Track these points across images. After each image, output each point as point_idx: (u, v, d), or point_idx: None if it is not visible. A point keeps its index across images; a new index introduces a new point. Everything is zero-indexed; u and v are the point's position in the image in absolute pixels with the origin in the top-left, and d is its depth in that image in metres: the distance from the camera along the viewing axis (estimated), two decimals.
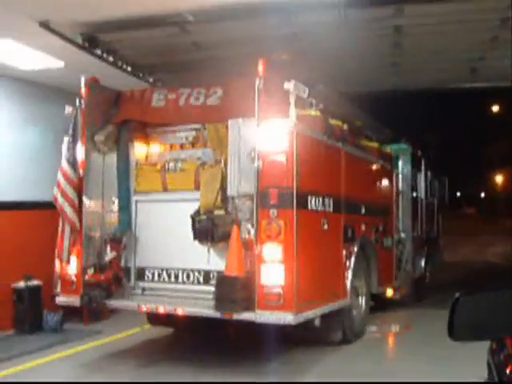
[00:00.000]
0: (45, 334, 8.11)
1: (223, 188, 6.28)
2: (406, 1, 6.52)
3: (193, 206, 6.38)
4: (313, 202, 6.20)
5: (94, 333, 8.14)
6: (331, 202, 6.69)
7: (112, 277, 6.78)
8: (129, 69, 8.49)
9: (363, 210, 7.84)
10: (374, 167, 8.61)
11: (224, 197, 6.27)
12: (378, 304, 9.10)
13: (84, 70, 7.21)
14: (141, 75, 8.84)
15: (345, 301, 7.02)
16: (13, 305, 8.24)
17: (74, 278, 6.74)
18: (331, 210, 6.70)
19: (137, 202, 6.93)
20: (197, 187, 6.48)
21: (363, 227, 7.83)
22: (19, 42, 7.35)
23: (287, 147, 5.78)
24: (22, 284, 8.30)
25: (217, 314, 5.93)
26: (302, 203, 5.98)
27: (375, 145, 8.75)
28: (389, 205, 9.23)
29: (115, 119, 7.03)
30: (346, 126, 7.24)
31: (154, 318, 7.74)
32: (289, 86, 5.82)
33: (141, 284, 6.87)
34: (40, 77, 8.76)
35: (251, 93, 5.87)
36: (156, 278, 6.77)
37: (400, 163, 10.47)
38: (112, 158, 7.05)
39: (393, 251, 9.36)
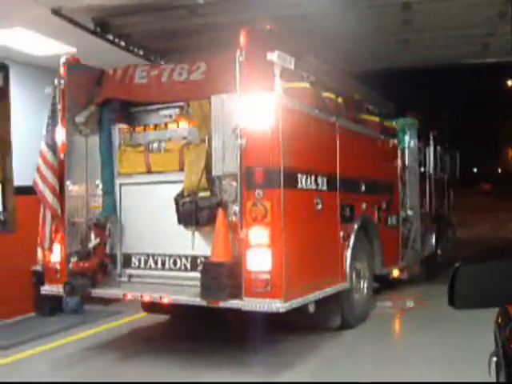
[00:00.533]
0: (65, 316, 8.15)
1: (208, 168, 5.89)
2: None
3: (178, 188, 6.02)
4: (303, 181, 5.80)
5: (114, 313, 8.06)
6: (325, 180, 6.28)
7: (97, 264, 6.46)
8: (141, 53, 8.52)
9: (363, 188, 7.41)
10: (376, 143, 8.15)
11: (209, 177, 5.90)
12: (384, 285, 8.74)
13: (96, 54, 7.18)
14: (153, 59, 8.78)
15: (343, 284, 6.65)
16: (33, 287, 8.03)
17: (57, 267, 6.48)
18: (325, 188, 6.29)
19: (121, 185, 6.58)
20: (182, 168, 6.09)
21: (364, 206, 7.42)
22: (31, 30, 7.39)
23: (272, 122, 5.37)
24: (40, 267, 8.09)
25: (203, 302, 5.59)
26: (291, 182, 5.59)
27: (376, 119, 8.28)
28: (393, 182, 8.78)
29: (97, 99, 6.67)
30: (340, 99, 6.78)
31: (146, 306, 7.45)
32: (272, 56, 5.38)
33: (127, 271, 6.55)
34: (52, 62, 8.53)
35: (235, 66, 5.48)
36: (142, 264, 6.45)
37: (406, 138, 9.95)
38: (95, 140, 6.70)
39: (398, 230, 8.92)
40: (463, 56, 10.37)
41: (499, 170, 59.13)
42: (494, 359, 2.47)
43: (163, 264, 6.30)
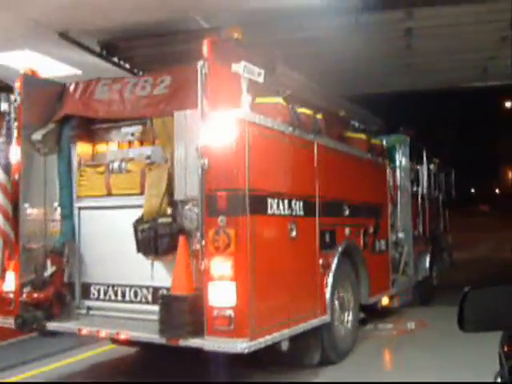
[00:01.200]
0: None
1: (170, 191, 5.36)
2: (416, 4, 6.67)
3: (139, 213, 5.49)
4: (274, 206, 5.26)
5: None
6: (301, 204, 5.74)
7: (53, 295, 5.90)
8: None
9: (347, 212, 6.86)
10: (362, 162, 7.60)
11: (171, 201, 5.37)
12: (373, 314, 8.16)
13: (101, 76, 6.84)
14: None
15: (323, 318, 6.06)
16: None
17: (11, 296, 5.94)
18: (302, 213, 5.75)
19: (80, 208, 6.05)
20: (143, 191, 5.58)
21: (347, 231, 6.87)
22: (39, 52, 7.67)
23: (237, 141, 4.84)
24: None
25: (162, 340, 5.04)
26: (259, 208, 5.05)
27: (363, 136, 7.75)
28: (382, 203, 8.23)
29: (56, 116, 6.18)
30: (320, 116, 6.25)
31: (113, 339, 6.88)
32: (237, 68, 4.88)
33: (86, 303, 5.99)
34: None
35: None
36: (102, 295, 5.89)
37: (397, 156, 9.48)
38: (54, 160, 6.20)
39: (388, 254, 8.35)
40: (464, 79, 10.60)
41: (497, 191, 59.08)
42: (499, 380, 2.46)
43: (123, 295, 5.74)
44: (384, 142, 8.87)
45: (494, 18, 7.05)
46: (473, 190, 57.02)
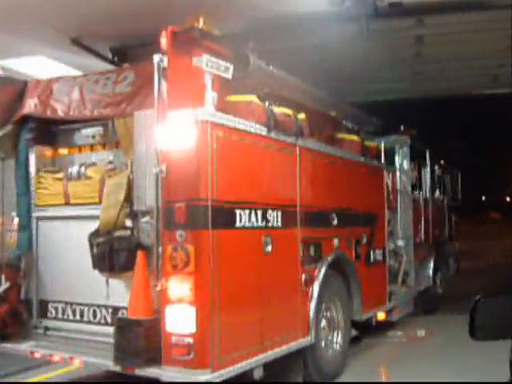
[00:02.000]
0: None
1: (130, 201, 4.80)
2: (427, 11, 6.65)
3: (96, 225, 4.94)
4: (245, 218, 4.67)
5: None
6: (279, 214, 5.15)
7: (8, 312, 5.38)
8: None
9: (335, 221, 6.24)
10: (354, 165, 6.97)
11: (131, 212, 4.80)
12: (369, 330, 7.55)
13: None
14: None
15: (305, 340, 5.47)
16: None
17: None
18: (279, 225, 5.16)
19: (37, 218, 5.51)
20: (101, 199, 5.03)
21: (336, 242, 6.25)
22: (51, 58, 7.72)
23: (199, 145, 4.27)
24: None
25: (117, 368, 4.49)
26: (226, 220, 4.47)
27: (355, 138, 7.13)
28: (377, 210, 7.59)
29: (15, 116, 5.65)
30: (303, 116, 5.65)
31: None
32: (198, 62, 4.31)
33: (44, 322, 5.45)
34: None
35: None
36: (60, 314, 5.34)
37: (397, 158, 8.85)
38: (12, 165, 5.67)
39: (384, 265, 7.71)
40: (474, 87, 10.67)
41: (508, 199, 58.90)
42: None
43: (81, 315, 5.19)
44: (382, 144, 8.26)
45: (504, 26, 7.01)
46: (484, 198, 57.43)
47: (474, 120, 44.91)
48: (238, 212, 4.57)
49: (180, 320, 4.21)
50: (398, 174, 8.75)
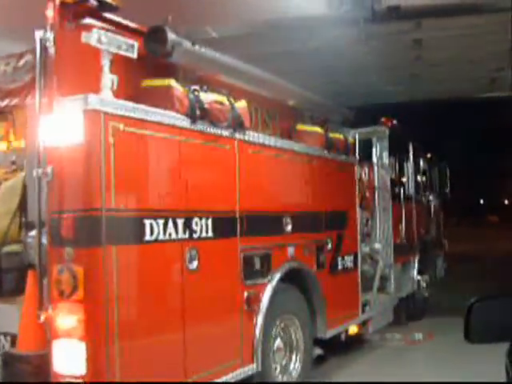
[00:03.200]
0: None
1: (24, 209, 3.99)
2: (424, 15, 6.70)
3: None
4: (158, 229, 3.81)
5: None
6: (209, 222, 4.31)
7: None
8: None
9: (289, 226, 5.38)
10: (316, 161, 6.10)
11: (26, 223, 3.99)
12: (338, 346, 6.74)
13: None
14: None
15: (248, 368, 4.64)
16: None
17: None
18: (210, 235, 4.32)
19: None
20: None
21: (291, 250, 5.40)
22: None
23: (90, 141, 3.43)
24: None
25: None
26: (128, 233, 3.64)
27: (318, 129, 6.27)
28: (347, 210, 6.73)
29: None
30: (243, 104, 4.79)
31: None
32: (88, 38, 3.45)
33: None
34: None
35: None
36: None
37: (373, 151, 7.97)
38: None
39: (356, 272, 6.85)
40: (472, 90, 10.82)
41: (506, 202, 59.43)
42: None
43: None
44: (357, 136, 7.41)
45: (502, 29, 7.08)
46: (482, 201, 58.12)
47: (472, 123, 44.36)
48: (147, 222, 3.73)
49: (68, 358, 3.40)
50: (375, 168, 7.88)
